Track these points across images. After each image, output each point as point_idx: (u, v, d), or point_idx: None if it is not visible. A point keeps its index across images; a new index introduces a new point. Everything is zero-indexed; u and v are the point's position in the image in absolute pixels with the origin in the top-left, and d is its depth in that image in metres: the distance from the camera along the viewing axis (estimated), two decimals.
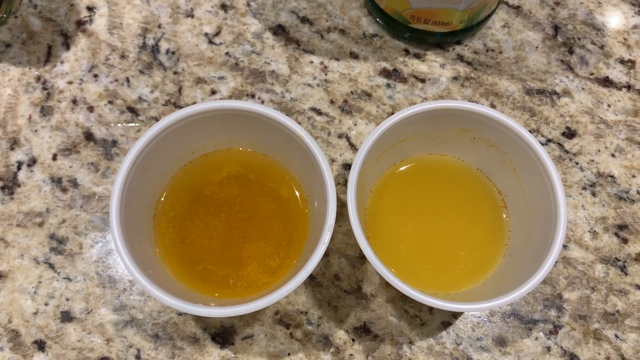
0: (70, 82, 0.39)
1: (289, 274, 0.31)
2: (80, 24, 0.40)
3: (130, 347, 0.33)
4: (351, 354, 0.34)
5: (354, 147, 0.38)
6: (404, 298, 0.35)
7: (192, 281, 0.31)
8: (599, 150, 0.39)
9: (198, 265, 0.32)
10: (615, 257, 0.36)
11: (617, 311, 0.35)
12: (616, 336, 0.35)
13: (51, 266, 0.35)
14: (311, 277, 0.35)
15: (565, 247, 0.36)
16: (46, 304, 0.34)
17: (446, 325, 0.35)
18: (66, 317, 0.34)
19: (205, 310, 0.27)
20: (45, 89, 0.38)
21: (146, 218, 0.32)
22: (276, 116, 0.30)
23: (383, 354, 0.34)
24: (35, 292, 0.34)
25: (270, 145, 0.33)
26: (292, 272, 0.30)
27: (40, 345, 0.33)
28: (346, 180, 0.37)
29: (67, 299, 0.34)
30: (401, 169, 0.35)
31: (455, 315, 0.35)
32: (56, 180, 0.36)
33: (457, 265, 0.33)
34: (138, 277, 0.27)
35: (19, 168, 0.37)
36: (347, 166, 0.38)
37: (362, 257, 0.36)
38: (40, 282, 0.34)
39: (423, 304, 0.34)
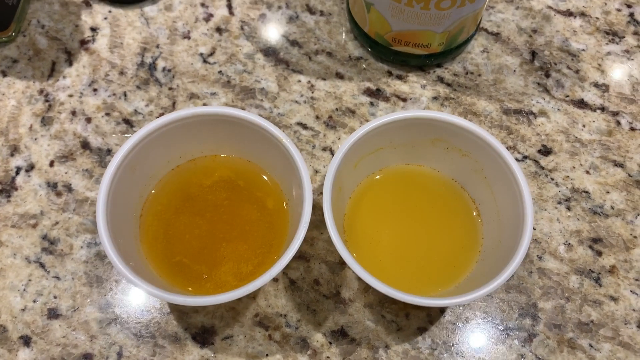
0: (70, 95, 0.41)
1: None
2: (83, 42, 0.43)
3: (113, 344, 0.34)
4: (328, 357, 0.34)
5: None
6: (382, 303, 0.36)
7: (168, 272, 0.32)
8: (574, 167, 0.40)
9: (175, 257, 0.33)
10: (590, 269, 0.37)
11: (592, 321, 0.36)
12: (590, 345, 0.35)
13: (42, 265, 0.36)
14: (291, 281, 0.36)
15: (540, 258, 0.37)
16: (34, 301, 0.35)
17: (422, 330, 0.35)
18: (53, 314, 0.35)
19: (180, 298, 0.28)
20: (47, 101, 0.41)
21: (132, 216, 0.33)
22: (257, 120, 0.32)
23: (359, 357, 0.34)
24: (24, 290, 0.35)
25: (253, 150, 0.35)
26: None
27: (26, 341, 0.34)
28: None
29: (55, 297, 0.35)
30: (379, 177, 0.36)
31: (431, 321, 0.36)
32: (52, 185, 0.38)
33: (432, 269, 0.34)
34: (119, 267, 0.29)
35: (17, 173, 0.39)
36: None
37: (342, 263, 0.37)
38: (30, 280, 0.36)
39: (399, 309, 0.35)
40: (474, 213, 0.35)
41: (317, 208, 0.38)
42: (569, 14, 0.46)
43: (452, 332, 0.35)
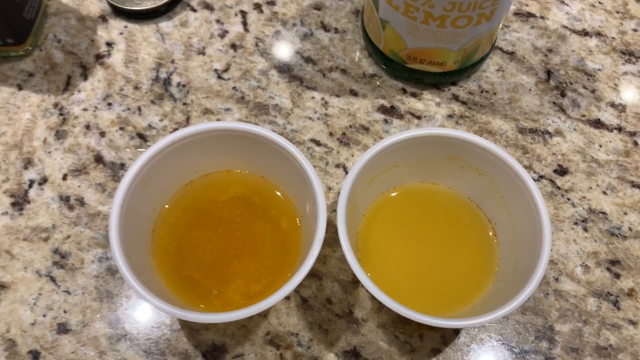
0: (85, 109, 0.41)
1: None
2: (99, 57, 0.43)
3: None
4: None
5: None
6: (395, 324, 0.35)
7: (178, 286, 0.32)
8: (591, 188, 0.40)
9: (185, 271, 0.33)
10: (608, 292, 0.36)
11: (610, 345, 0.35)
12: None
13: (52, 279, 0.36)
14: (303, 300, 0.36)
15: (556, 279, 0.37)
16: (44, 315, 0.35)
17: (436, 352, 0.35)
18: (62, 328, 0.35)
19: (191, 315, 0.28)
20: (61, 114, 0.41)
21: (144, 230, 0.33)
22: (271, 136, 0.32)
23: None
24: (34, 304, 0.35)
25: (267, 166, 0.35)
26: None
27: (35, 355, 0.34)
28: None
29: (65, 312, 0.35)
30: (394, 195, 0.36)
31: (446, 342, 0.35)
32: (64, 199, 0.38)
33: (447, 290, 0.34)
34: (131, 282, 0.28)
35: (30, 186, 0.38)
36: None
37: (355, 282, 0.36)
38: (40, 294, 0.35)
39: (413, 330, 0.34)
40: (490, 233, 0.35)
41: (330, 225, 0.37)
42: (584, 33, 0.46)
43: (467, 354, 0.35)
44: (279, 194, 0.35)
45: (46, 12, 0.44)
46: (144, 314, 0.35)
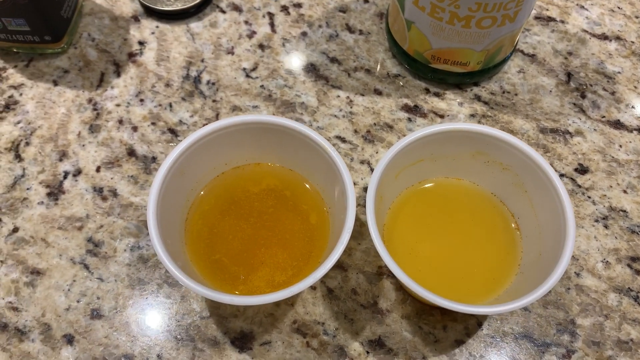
0: (118, 105, 0.43)
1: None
2: (131, 55, 0.45)
3: (154, 346, 0.35)
4: None
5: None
6: (419, 315, 0.36)
7: (207, 270, 0.33)
8: (611, 187, 0.40)
9: (215, 255, 0.34)
10: (629, 287, 0.37)
11: (631, 339, 0.35)
12: None
13: (86, 267, 0.37)
14: (329, 290, 0.37)
15: (577, 275, 0.37)
16: (78, 301, 0.36)
17: (459, 343, 0.35)
18: (96, 314, 0.36)
19: (225, 297, 0.29)
20: (95, 109, 0.42)
21: (179, 218, 0.34)
22: (301, 128, 0.33)
23: None
24: (69, 290, 0.36)
25: (296, 159, 0.36)
26: None
27: (69, 339, 0.35)
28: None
29: (98, 298, 0.36)
30: (419, 189, 0.37)
31: (469, 334, 0.36)
32: (98, 190, 0.39)
33: (471, 282, 0.35)
34: (169, 266, 0.29)
35: (65, 177, 0.40)
36: (365, 189, 0.40)
37: (380, 274, 0.37)
38: (74, 281, 0.37)
39: (437, 322, 0.35)
40: (513, 226, 0.36)
41: (355, 219, 0.38)
42: (604, 37, 0.46)
43: (490, 346, 0.35)
44: (307, 187, 0.36)
45: (81, 12, 0.46)
46: (175, 301, 0.36)
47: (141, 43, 0.45)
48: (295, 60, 0.45)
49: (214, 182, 0.36)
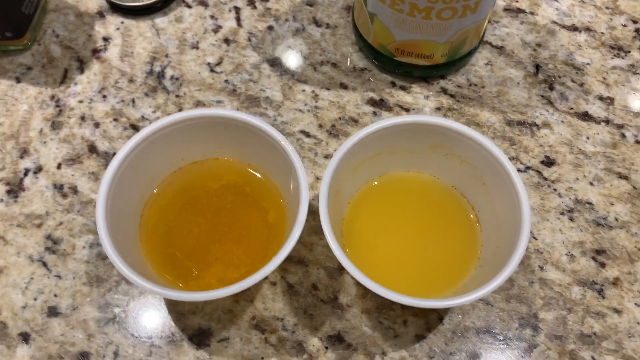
0: (80, 101, 0.42)
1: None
2: (95, 51, 0.44)
3: (110, 343, 0.34)
4: None
5: None
6: (379, 309, 0.36)
7: (160, 264, 0.33)
8: (578, 179, 0.40)
9: (168, 249, 0.33)
10: (593, 281, 0.37)
11: (594, 333, 0.35)
12: (593, 358, 0.34)
13: (44, 264, 0.37)
14: (289, 286, 0.36)
15: (541, 268, 0.37)
16: (35, 299, 0.36)
17: (420, 338, 0.35)
18: (52, 312, 0.35)
19: (174, 293, 0.28)
20: (57, 106, 0.42)
21: (133, 214, 0.34)
22: (255, 122, 0.33)
23: None
24: (26, 288, 0.36)
25: (253, 154, 0.35)
26: None
27: (25, 337, 0.35)
28: None
29: (56, 295, 0.36)
30: (378, 183, 0.37)
31: (429, 328, 0.35)
32: (58, 187, 0.39)
33: (431, 276, 0.34)
34: (117, 263, 0.29)
35: (25, 174, 0.39)
36: None
37: (341, 269, 0.37)
38: (32, 279, 0.36)
39: (397, 316, 0.35)
40: (474, 220, 0.35)
41: (317, 214, 0.38)
42: (574, 29, 0.46)
43: (451, 341, 0.35)
44: (266, 182, 0.36)
45: (45, 8, 0.46)
46: (133, 298, 0.36)
47: (105, 39, 0.45)
48: (260, 55, 0.44)
49: (171, 177, 0.36)
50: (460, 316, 0.36)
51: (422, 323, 0.35)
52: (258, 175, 0.36)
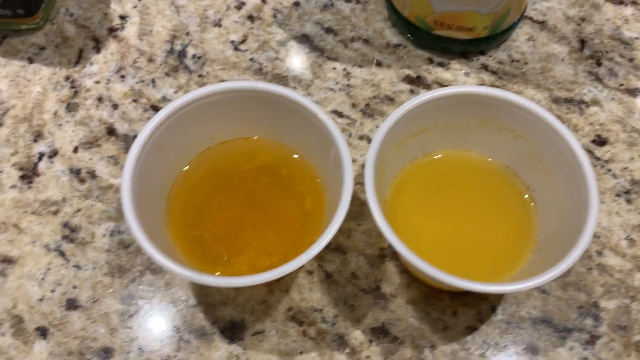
0: (97, 82, 0.40)
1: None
2: (112, 30, 0.42)
3: (135, 338, 0.32)
4: (368, 356, 0.31)
5: None
6: (426, 299, 0.33)
7: (188, 248, 0.30)
8: (633, 158, 0.37)
9: (196, 231, 0.31)
10: None
11: None
12: None
13: (62, 254, 0.34)
14: (327, 275, 0.33)
15: (599, 253, 0.34)
16: (53, 291, 0.33)
17: (471, 330, 0.32)
18: (72, 304, 0.33)
19: (211, 279, 0.26)
20: (73, 87, 0.39)
21: (160, 197, 0.31)
22: (290, 95, 0.30)
23: (402, 357, 0.31)
24: (43, 279, 0.33)
25: (287, 131, 0.32)
26: None
27: (43, 332, 0.32)
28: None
29: (75, 287, 0.33)
30: (423, 162, 0.34)
31: (482, 319, 0.32)
32: (75, 172, 0.36)
33: (483, 261, 0.31)
34: (145, 245, 0.26)
35: (39, 159, 0.37)
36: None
37: (382, 257, 0.34)
38: (49, 269, 0.33)
39: (446, 307, 0.32)
40: (528, 200, 0.33)
41: (354, 199, 0.35)
42: (619, 2, 0.43)
43: (505, 332, 0.32)
44: (301, 162, 0.33)
45: None
46: (158, 289, 0.33)
47: (122, 17, 0.42)
48: (287, 32, 0.42)
49: (199, 157, 0.33)
50: (514, 306, 0.33)
51: (474, 314, 0.32)
52: (294, 155, 0.33)
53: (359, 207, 0.35)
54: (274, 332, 0.32)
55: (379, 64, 0.40)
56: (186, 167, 0.33)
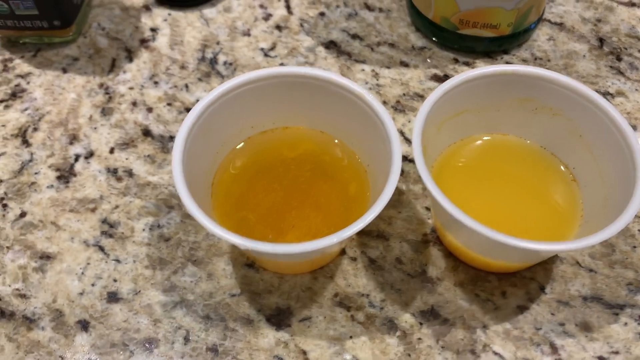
0: (131, 88, 0.40)
1: None
2: (143, 41, 0.43)
3: (179, 328, 0.31)
4: (419, 338, 0.31)
5: (408, 141, 0.38)
6: (474, 282, 0.32)
7: (232, 230, 0.29)
8: None
9: (241, 212, 0.30)
10: None
11: None
12: None
13: (101, 248, 0.33)
14: (371, 260, 0.33)
15: None
16: (93, 285, 0.32)
17: (522, 309, 0.31)
18: (113, 297, 0.32)
19: (269, 246, 0.25)
20: (107, 93, 0.40)
21: (205, 181, 0.31)
22: (335, 78, 0.31)
23: (455, 339, 0.31)
24: (82, 273, 0.33)
25: (328, 118, 0.33)
26: None
27: (84, 325, 0.31)
28: (403, 171, 0.36)
29: (115, 280, 0.32)
30: (462, 146, 0.34)
31: (531, 299, 0.32)
32: (112, 171, 0.36)
33: (531, 238, 0.31)
34: (200, 218, 0.26)
35: (76, 160, 0.37)
36: (404, 158, 0.37)
37: (425, 242, 0.34)
38: (88, 264, 0.33)
39: (494, 288, 0.32)
40: (570, 178, 0.33)
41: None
42: (631, 4, 0.45)
43: (557, 311, 0.31)
44: (344, 150, 0.33)
45: (90, 3, 0.44)
46: (201, 279, 0.32)
47: (153, 30, 0.43)
48: (314, 39, 0.43)
49: (243, 145, 0.33)
50: (563, 285, 0.32)
51: (522, 294, 0.32)
52: (335, 141, 0.34)
53: (397, 196, 0.35)
54: (322, 318, 0.31)
55: (405, 65, 0.41)
56: (229, 155, 0.33)
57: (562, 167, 0.33)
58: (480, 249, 0.30)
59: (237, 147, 0.33)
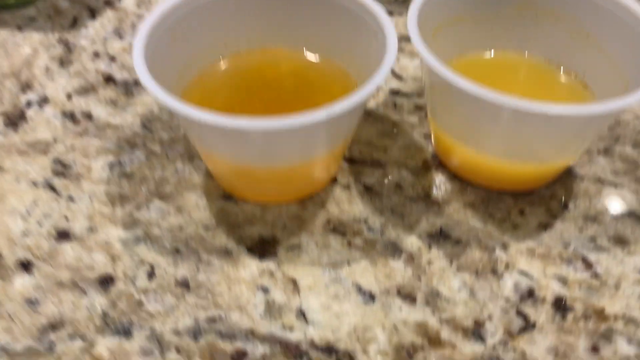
0: (94, 41, 0.37)
1: None
2: (108, 3, 0.40)
3: (142, 264, 0.26)
4: (430, 260, 0.26)
5: (399, 77, 0.34)
6: (486, 202, 0.28)
7: None
8: None
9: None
10: None
11: None
12: None
13: (52, 188, 0.29)
14: (366, 188, 0.29)
15: None
16: (39, 224, 0.27)
17: (545, 226, 0.27)
18: (63, 235, 0.27)
19: (246, 122, 0.21)
20: (67, 46, 0.36)
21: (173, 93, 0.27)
22: None
23: (471, 259, 0.26)
24: (28, 213, 0.28)
25: (310, 33, 0.30)
26: None
27: (25, 266, 0.26)
28: (395, 105, 0.33)
29: (67, 219, 0.27)
30: (460, 62, 0.31)
31: (554, 216, 0.28)
32: (68, 115, 0.32)
33: None
34: (164, 99, 0.22)
35: (28, 106, 0.33)
36: (395, 92, 0.34)
37: (426, 167, 0.30)
38: (36, 205, 0.28)
39: (510, 207, 0.28)
40: (581, 86, 0.30)
41: (387, 120, 0.32)
42: None
43: (585, 227, 0.27)
44: (331, 62, 0.30)
45: None
46: (169, 213, 0.27)
47: None
48: None
49: (215, 64, 0.30)
50: (587, 201, 0.28)
51: (543, 211, 0.28)
52: (320, 58, 0.30)
53: (391, 127, 0.32)
54: (313, 246, 0.26)
55: None
56: (199, 73, 0.29)
57: (571, 76, 0.30)
58: (497, 145, 0.26)
59: (209, 65, 0.30)
